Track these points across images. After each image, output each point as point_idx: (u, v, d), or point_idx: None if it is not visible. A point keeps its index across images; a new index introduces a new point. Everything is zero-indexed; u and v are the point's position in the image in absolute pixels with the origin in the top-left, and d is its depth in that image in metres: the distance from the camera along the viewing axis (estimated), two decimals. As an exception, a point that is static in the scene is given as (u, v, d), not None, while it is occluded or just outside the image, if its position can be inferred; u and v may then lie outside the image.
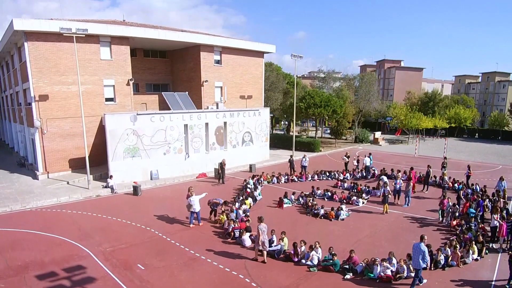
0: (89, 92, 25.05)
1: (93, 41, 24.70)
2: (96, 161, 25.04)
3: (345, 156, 28.95)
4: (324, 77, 50.92)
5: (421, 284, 11.00)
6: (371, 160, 27.53)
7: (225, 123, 28.93)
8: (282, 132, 60.64)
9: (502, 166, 32.10)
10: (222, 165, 24.59)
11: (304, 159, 26.91)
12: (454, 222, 15.76)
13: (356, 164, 28.07)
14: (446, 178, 23.85)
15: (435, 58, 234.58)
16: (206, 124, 27.54)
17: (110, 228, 15.96)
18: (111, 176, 22.34)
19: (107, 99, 26.38)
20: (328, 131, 55.40)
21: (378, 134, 48.87)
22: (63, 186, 22.30)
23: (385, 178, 21.13)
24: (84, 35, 21.69)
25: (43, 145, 23.67)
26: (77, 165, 25.09)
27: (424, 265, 10.72)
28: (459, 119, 55.64)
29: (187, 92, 29.06)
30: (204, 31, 31.56)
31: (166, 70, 34.75)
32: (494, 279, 11.67)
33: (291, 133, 50.05)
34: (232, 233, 14.96)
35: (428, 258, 10.82)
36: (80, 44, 23.34)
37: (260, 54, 36.56)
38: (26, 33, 22.42)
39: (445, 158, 27.94)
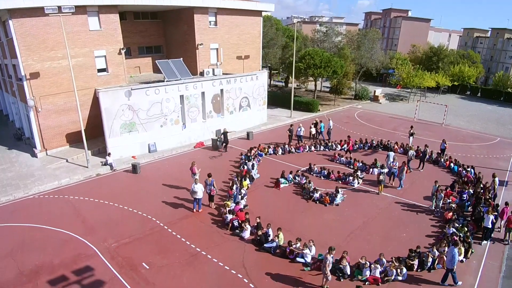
0: (80, 65, 24.05)
1: (80, 12, 22.93)
2: (93, 134, 24.86)
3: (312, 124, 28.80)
4: (326, 31, 48.47)
5: (456, 285, 12.15)
6: (322, 128, 28.22)
7: (221, 90, 28.35)
8: (281, 84, 59.47)
9: (500, 138, 31.66)
10: (225, 134, 25.21)
11: (299, 129, 27.04)
12: (450, 214, 16.13)
13: (314, 133, 28.16)
14: (412, 151, 22.48)
15: (445, 9, 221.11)
16: (203, 93, 27.01)
17: (113, 219, 16.32)
18: (109, 154, 22.47)
19: (100, 70, 25.41)
20: (328, 84, 54.16)
21: (378, 92, 47.92)
22: (62, 165, 22.51)
23: (391, 156, 21.56)
24: (71, 13, 20.31)
25: (39, 123, 23.33)
26: (74, 139, 24.99)
27: (451, 267, 12.02)
28: (463, 77, 54.18)
29: (181, 58, 27.88)
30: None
31: (158, 33, 32.91)
32: (476, 286, 12.45)
33: (289, 85, 49.10)
34: (231, 224, 15.56)
35: (456, 259, 11.99)
36: (67, 17, 21.79)
37: (258, 13, 34.43)
38: (10, 11, 20.89)
39: (411, 127, 27.63)
